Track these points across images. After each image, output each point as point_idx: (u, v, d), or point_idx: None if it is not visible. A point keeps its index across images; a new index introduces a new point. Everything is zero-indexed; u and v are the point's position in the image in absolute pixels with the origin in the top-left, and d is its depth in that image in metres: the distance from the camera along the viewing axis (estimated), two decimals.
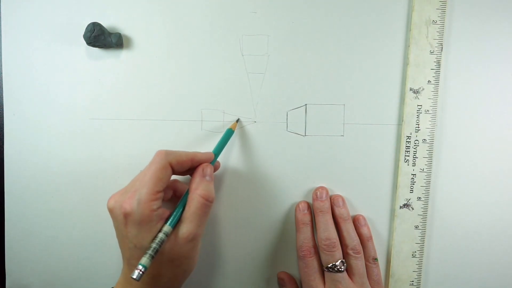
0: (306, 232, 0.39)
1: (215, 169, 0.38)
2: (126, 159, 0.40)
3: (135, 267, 0.29)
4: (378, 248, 0.41)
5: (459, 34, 0.39)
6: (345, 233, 0.39)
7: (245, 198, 0.41)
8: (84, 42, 0.38)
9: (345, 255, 0.38)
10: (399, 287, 0.41)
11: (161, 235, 0.30)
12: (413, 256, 0.41)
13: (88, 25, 0.38)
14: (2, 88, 0.40)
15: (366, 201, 0.41)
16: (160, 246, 0.30)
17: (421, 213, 0.41)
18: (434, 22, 0.39)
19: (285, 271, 0.42)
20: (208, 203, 0.32)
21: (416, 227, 0.41)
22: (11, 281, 0.42)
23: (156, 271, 0.32)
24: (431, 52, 0.39)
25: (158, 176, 0.31)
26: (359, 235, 0.40)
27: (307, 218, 0.40)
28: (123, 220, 0.31)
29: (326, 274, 0.38)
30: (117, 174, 0.40)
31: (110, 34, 0.39)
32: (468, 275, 0.42)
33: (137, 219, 0.30)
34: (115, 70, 0.40)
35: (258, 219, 0.41)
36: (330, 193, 0.41)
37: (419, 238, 0.41)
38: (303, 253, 0.39)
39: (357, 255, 0.38)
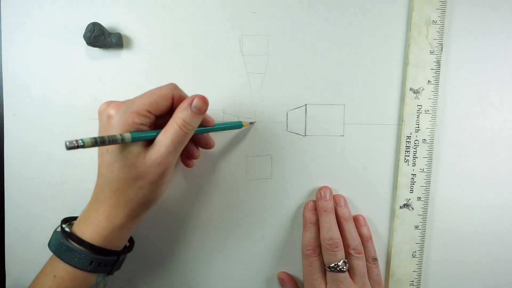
0: (312, 232, 0.39)
1: (208, 146, 0.38)
2: None
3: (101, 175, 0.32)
4: (378, 248, 0.41)
5: (459, 34, 0.39)
6: (347, 233, 0.39)
7: (245, 198, 0.41)
8: (84, 42, 0.38)
9: (347, 255, 0.38)
10: (399, 287, 0.41)
11: (117, 135, 0.30)
12: (413, 256, 0.41)
13: (88, 25, 0.38)
14: (2, 88, 0.40)
15: (366, 201, 0.41)
16: (109, 140, 0.29)
17: (421, 213, 0.41)
18: (434, 22, 0.39)
19: (285, 271, 0.42)
20: (182, 132, 0.31)
21: (416, 227, 0.41)
22: (11, 281, 0.42)
23: (119, 185, 0.32)
24: (431, 52, 0.39)
25: (156, 99, 0.32)
26: (359, 235, 0.40)
27: (315, 217, 0.40)
28: (105, 123, 0.31)
29: (328, 273, 0.38)
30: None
31: (110, 34, 0.39)
32: (468, 275, 0.42)
33: (117, 122, 0.31)
34: (115, 70, 0.40)
35: (257, 219, 0.41)
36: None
37: (419, 238, 0.41)
38: (308, 251, 0.39)
39: (358, 255, 0.38)
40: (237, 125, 0.38)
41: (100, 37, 0.38)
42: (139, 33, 0.39)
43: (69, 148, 0.27)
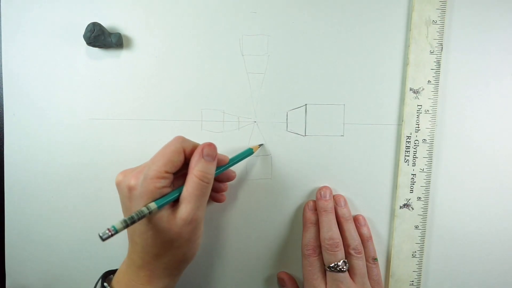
0: (312, 232, 0.39)
1: (230, 178, 0.38)
2: (126, 159, 0.40)
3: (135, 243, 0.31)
4: (378, 248, 0.41)
5: (459, 34, 0.40)
6: (347, 233, 0.39)
7: (245, 198, 0.41)
8: (84, 42, 0.38)
9: (347, 255, 0.38)
10: (399, 287, 0.41)
11: (144, 208, 0.30)
12: (413, 256, 0.41)
13: (88, 25, 0.38)
14: (2, 88, 0.40)
15: (366, 201, 0.41)
16: (138, 217, 0.29)
17: (421, 213, 0.41)
18: (434, 22, 0.39)
19: (285, 271, 0.42)
20: (203, 184, 0.32)
21: (416, 227, 0.41)
22: (11, 281, 0.42)
23: (156, 250, 0.32)
24: (431, 52, 0.39)
25: (170, 158, 0.32)
26: (359, 235, 0.40)
27: (315, 217, 0.40)
28: (127, 194, 0.32)
29: (328, 273, 0.38)
30: (117, 174, 0.40)
31: (110, 34, 0.39)
32: (468, 275, 0.42)
33: (140, 193, 0.31)
34: (115, 70, 0.40)
35: (257, 219, 0.41)
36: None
37: (419, 238, 0.41)
38: (308, 251, 0.39)
39: (358, 255, 0.38)
40: (249, 153, 0.39)
41: (100, 37, 0.38)
42: (139, 33, 0.39)
43: (104, 239, 0.27)
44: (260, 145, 0.40)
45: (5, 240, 0.41)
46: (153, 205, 0.31)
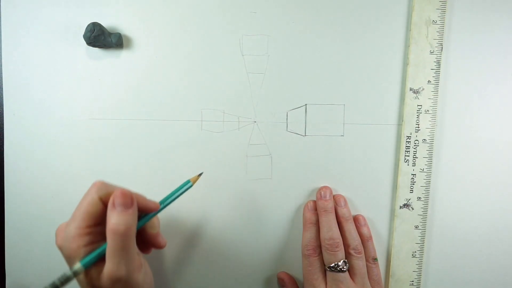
0: (312, 231, 0.39)
1: (159, 246, 0.35)
2: (126, 159, 0.40)
3: None
4: (378, 248, 0.41)
5: (459, 34, 0.40)
6: (347, 233, 0.39)
7: (245, 198, 0.41)
8: (84, 42, 0.38)
9: (347, 255, 0.38)
10: (399, 287, 0.41)
11: (67, 271, 0.29)
12: (413, 256, 0.41)
13: (88, 25, 0.38)
14: (2, 88, 0.40)
15: (366, 201, 0.41)
16: (62, 282, 0.29)
17: (421, 213, 0.41)
18: (434, 22, 0.39)
19: (285, 271, 0.42)
20: (120, 237, 0.29)
21: (416, 227, 0.41)
22: (11, 281, 0.42)
23: None
24: (431, 52, 0.39)
25: (88, 211, 0.30)
26: (359, 235, 0.40)
27: (315, 217, 0.40)
28: (62, 254, 0.31)
29: (328, 273, 0.38)
30: (117, 174, 0.40)
31: (110, 34, 0.39)
32: (468, 275, 0.42)
33: (66, 253, 0.30)
34: (115, 70, 0.40)
35: (257, 219, 0.41)
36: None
37: (419, 238, 0.41)
38: (308, 251, 0.39)
39: (358, 255, 0.38)
40: (187, 186, 0.35)
41: (100, 37, 0.38)
42: (139, 33, 0.39)
43: None
44: (200, 174, 0.37)
45: (5, 240, 0.41)
46: (78, 267, 0.29)
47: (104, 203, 0.31)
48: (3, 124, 0.40)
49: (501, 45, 0.40)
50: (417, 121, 0.40)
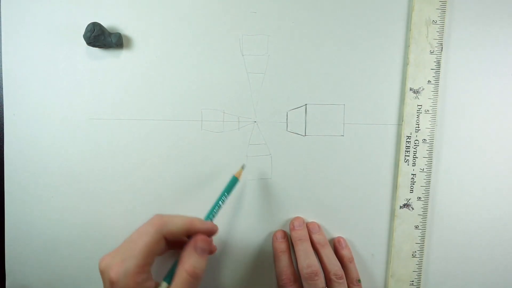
0: (284, 260, 0.38)
1: (212, 233, 0.35)
2: (126, 159, 0.40)
3: None
4: (378, 248, 0.41)
5: (459, 34, 0.40)
6: (325, 259, 0.38)
7: (245, 198, 0.41)
8: (84, 42, 0.38)
9: (328, 281, 0.37)
10: (399, 287, 0.41)
11: None
12: (413, 256, 0.41)
13: (88, 25, 0.38)
14: (2, 88, 0.40)
15: (366, 201, 0.41)
16: None
17: (421, 213, 0.41)
18: (434, 22, 0.39)
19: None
20: (193, 281, 0.30)
21: (416, 227, 0.41)
22: (11, 281, 0.42)
23: None
24: (431, 52, 0.39)
25: (150, 249, 0.30)
26: (341, 257, 0.39)
27: (284, 245, 0.39)
28: (109, 286, 0.30)
29: None
30: (117, 174, 0.40)
31: (110, 34, 0.39)
32: (468, 275, 0.42)
33: None
34: (115, 70, 0.40)
35: (257, 219, 0.41)
36: (328, 196, 0.41)
37: (419, 238, 0.41)
38: (283, 281, 0.37)
39: (339, 280, 0.37)
40: (234, 182, 0.37)
41: (100, 37, 0.38)
42: (139, 33, 0.40)
43: None
44: (242, 166, 0.39)
45: (5, 240, 0.41)
46: None
47: (166, 240, 0.31)
48: (3, 124, 0.40)
49: (501, 45, 0.40)
50: (417, 121, 0.40)
